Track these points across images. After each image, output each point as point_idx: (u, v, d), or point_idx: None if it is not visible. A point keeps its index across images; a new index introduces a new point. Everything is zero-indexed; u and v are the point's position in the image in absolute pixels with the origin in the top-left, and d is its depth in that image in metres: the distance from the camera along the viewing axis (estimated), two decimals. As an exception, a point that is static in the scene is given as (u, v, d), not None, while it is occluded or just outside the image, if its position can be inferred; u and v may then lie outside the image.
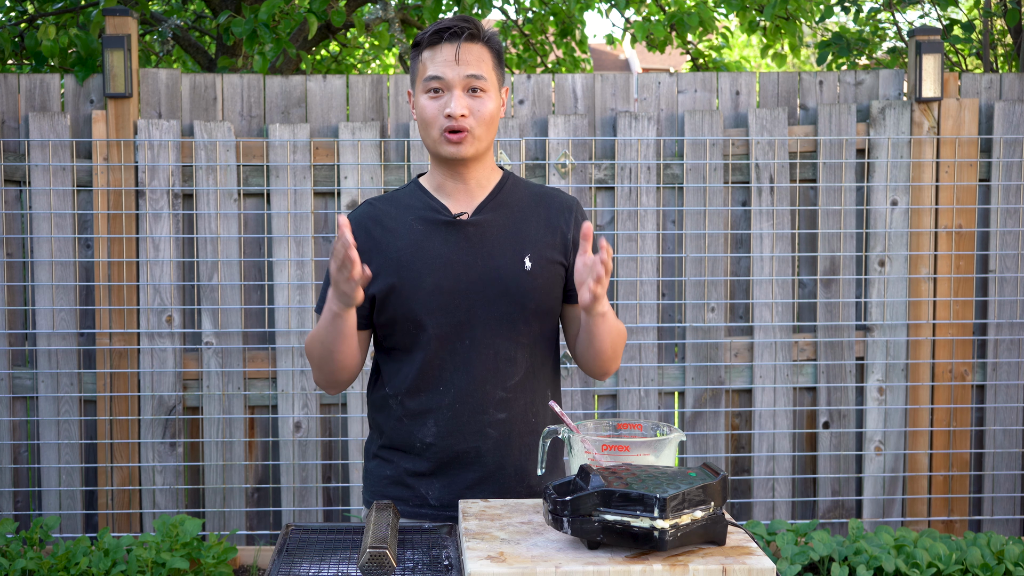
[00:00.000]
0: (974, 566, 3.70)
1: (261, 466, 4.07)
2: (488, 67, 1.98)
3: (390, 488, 2.04)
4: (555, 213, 2.05)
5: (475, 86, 1.96)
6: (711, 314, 4.06)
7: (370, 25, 5.62)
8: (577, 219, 2.06)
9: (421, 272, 1.97)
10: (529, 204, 2.05)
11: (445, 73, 1.95)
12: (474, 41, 1.97)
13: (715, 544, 1.51)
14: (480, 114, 1.97)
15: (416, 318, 1.97)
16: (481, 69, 1.97)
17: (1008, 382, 4.11)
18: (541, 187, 2.11)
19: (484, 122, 1.97)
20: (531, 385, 2.01)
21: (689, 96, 4.12)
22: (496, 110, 2.00)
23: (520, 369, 2.00)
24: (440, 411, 1.98)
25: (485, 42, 1.99)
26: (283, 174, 3.98)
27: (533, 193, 2.08)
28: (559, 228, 2.03)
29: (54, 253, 3.95)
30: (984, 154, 4.10)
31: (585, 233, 1.82)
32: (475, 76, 1.96)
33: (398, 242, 2.00)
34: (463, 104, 1.95)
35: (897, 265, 4.07)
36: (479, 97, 1.97)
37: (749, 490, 4.12)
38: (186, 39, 5.94)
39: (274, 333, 4.02)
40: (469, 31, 1.97)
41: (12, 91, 4.00)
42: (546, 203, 2.06)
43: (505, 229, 2.01)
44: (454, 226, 2.00)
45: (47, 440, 3.98)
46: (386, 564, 1.53)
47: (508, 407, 1.99)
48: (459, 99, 1.95)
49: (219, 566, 3.76)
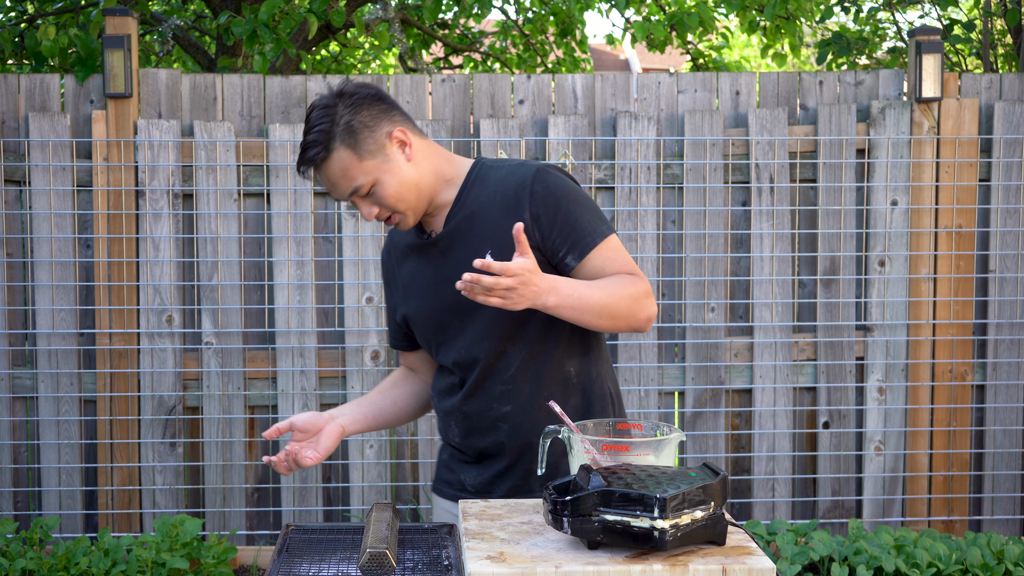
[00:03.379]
0: (974, 566, 3.70)
1: (261, 466, 4.07)
2: (355, 168, 1.91)
3: (443, 471, 2.17)
4: (511, 196, 1.95)
5: (361, 192, 1.94)
6: (711, 314, 4.06)
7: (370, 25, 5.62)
8: (534, 191, 1.93)
9: (416, 298, 2.08)
10: (488, 196, 1.97)
11: (336, 195, 1.96)
12: (327, 159, 1.91)
13: (715, 544, 1.51)
14: (384, 202, 1.94)
15: (425, 338, 2.10)
16: (351, 179, 1.92)
17: (1008, 382, 4.11)
18: (503, 169, 2.00)
19: (396, 199, 1.94)
20: (531, 373, 2.00)
21: (689, 96, 4.12)
22: (398, 180, 1.94)
23: (515, 360, 1.99)
24: (455, 413, 2.07)
25: (339, 142, 1.90)
26: (283, 174, 3.98)
27: (494, 181, 1.98)
28: (517, 210, 1.94)
29: (54, 253, 3.95)
30: (984, 154, 4.10)
31: (515, 235, 1.77)
32: (352, 191, 1.93)
33: (400, 271, 2.11)
34: (367, 210, 1.96)
35: (897, 265, 4.07)
36: (373, 193, 1.93)
37: (749, 490, 4.12)
38: (186, 39, 5.94)
39: (274, 333, 4.02)
40: (318, 157, 1.91)
41: (12, 91, 4.00)
42: (503, 187, 1.96)
43: (471, 232, 1.98)
44: (431, 245, 2.03)
45: (47, 440, 3.98)
46: (386, 564, 1.53)
47: (511, 399, 2.00)
48: (361, 207, 1.96)
49: (219, 566, 3.76)
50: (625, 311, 1.91)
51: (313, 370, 4.01)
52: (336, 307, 4.04)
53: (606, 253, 1.95)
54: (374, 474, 4.04)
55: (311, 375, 4.01)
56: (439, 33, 6.94)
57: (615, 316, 1.91)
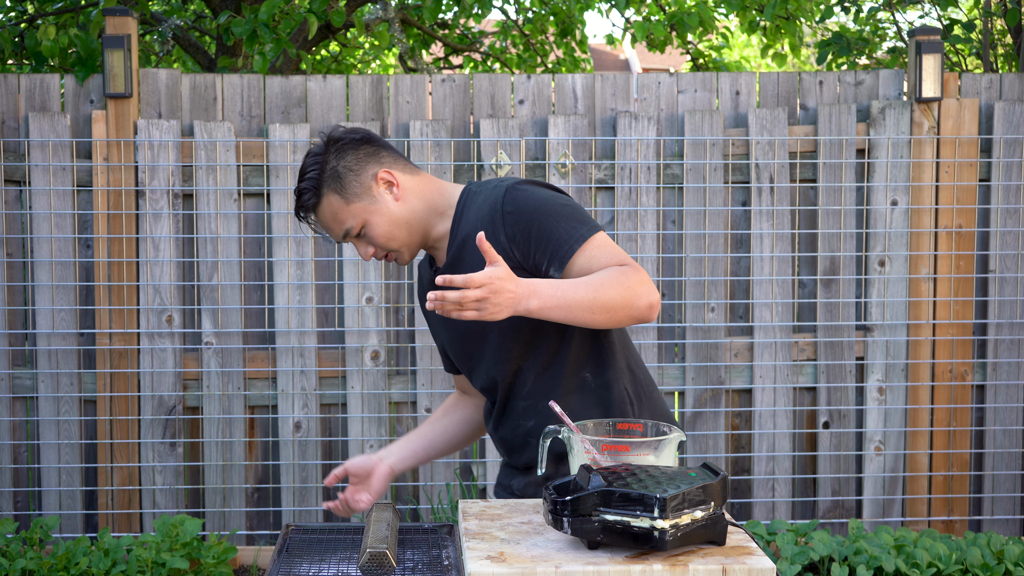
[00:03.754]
0: (974, 566, 3.70)
1: (261, 466, 4.07)
2: (344, 212, 1.98)
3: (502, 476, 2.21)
4: (487, 218, 1.95)
5: (352, 235, 2.00)
6: (711, 314, 4.06)
7: (370, 25, 5.62)
8: (506, 211, 1.93)
9: (441, 329, 2.14)
10: (474, 222, 1.98)
11: (332, 238, 2.05)
12: (318, 205, 2.00)
13: (715, 544, 1.51)
14: (377, 241, 2.00)
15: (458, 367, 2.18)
16: (342, 222, 1.99)
17: (1008, 382, 4.11)
18: (484, 191, 2.00)
19: (387, 238, 1.99)
20: (547, 385, 2.02)
21: (689, 96, 4.12)
22: (388, 220, 1.98)
23: (530, 376, 2.02)
24: (494, 436, 2.15)
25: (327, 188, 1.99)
26: (283, 174, 3.98)
27: (476, 207, 1.98)
28: (495, 230, 1.93)
29: (54, 253, 3.95)
30: (984, 154, 4.10)
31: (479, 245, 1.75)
32: (344, 233, 2.00)
33: None
34: (364, 250, 2.02)
35: (897, 265, 4.07)
36: (365, 234, 2.00)
37: (749, 490, 4.12)
38: (186, 39, 5.94)
39: (274, 333, 4.02)
40: (308, 204, 2.00)
41: (12, 91, 4.00)
42: (482, 212, 1.96)
43: (467, 260, 1.99)
44: None
45: (47, 440, 3.98)
46: (386, 564, 1.53)
47: (533, 413, 2.04)
48: (358, 247, 2.03)
49: (219, 566, 3.76)
50: (620, 301, 1.85)
51: (313, 370, 4.01)
52: (336, 307, 4.04)
53: (590, 252, 1.90)
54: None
55: (311, 375, 4.01)
56: (439, 33, 6.94)
57: (610, 309, 1.84)
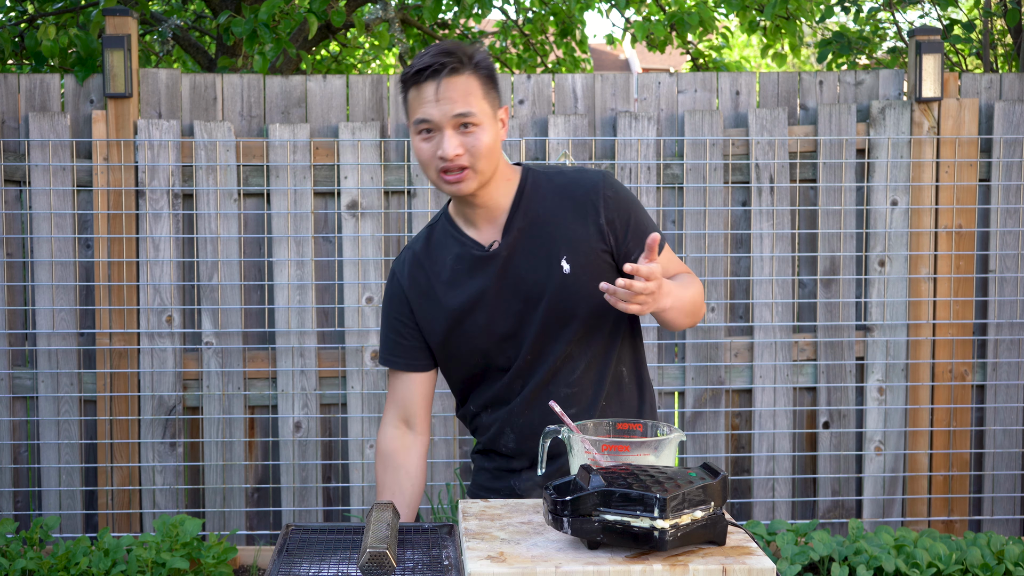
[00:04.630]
0: (974, 566, 3.70)
1: (261, 466, 4.07)
2: (477, 98, 1.90)
3: (489, 480, 2.14)
4: (582, 201, 1.98)
5: (465, 123, 1.90)
6: (711, 314, 4.06)
7: (370, 25, 5.62)
8: (607, 197, 1.98)
9: (473, 312, 2.02)
10: (553, 202, 1.99)
11: (431, 115, 1.89)
12: (457, 74, 1.88)
13: (715, 544, 1.51)
14: (476, 149, 1.90)
15: (477, 354, 2.05)
16: (469, 104, 1.89)
17: (1008, 382, 4.11)
18: (563, 176, 2.03)
19: (482, 156, 1.91)
20: (595, 375, 2.02)
21: (689, 96, 4.12)
22: (493, 139, 1.92)
23: (580, 363, 2.01)
24: (513, 420, 2.06)
25: (473, 69, 1.90)
26: (283, 174, 3.98)
27: (556, 187, 2.01)
28: (590, 216, 1.98)
29: (54, 253, 3.95)
30: (984, 154, 4.10)
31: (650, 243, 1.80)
32: (462, 114, 1.89)
33: (445, 287, 2.04)
34: (455, 144, 1.89)
35: (897, 265, 4.07)
36: (471, 132, 1.90)
37: (749, 490, 4.12)
38: (186, 39, 5.94)
39: (274, 333, 4.02)
40: (450, 65, 1.88)
41: (12, 91, 4.00)
42: (571, 193, 1.99)
43: (536, 240, 1.98)
44: (490, 258, 2.00)
45: (47, 440, 3.98)
46: (386, 564, 1.53)
47: (576, 401, 2.01)
48: (450, 139, 1.89)
49: (219, 566, 3.76)
50: (698, 309, 2.02)
51: (313, 370, 4.01)
52: (336, 307, 4.04)
53: (668, 255, 2.05)
54: (374, 474, 4.04)
55: (311, 375, 4.01)
56: (439, 33, 6.94)
57: (693, 314, 2.00)
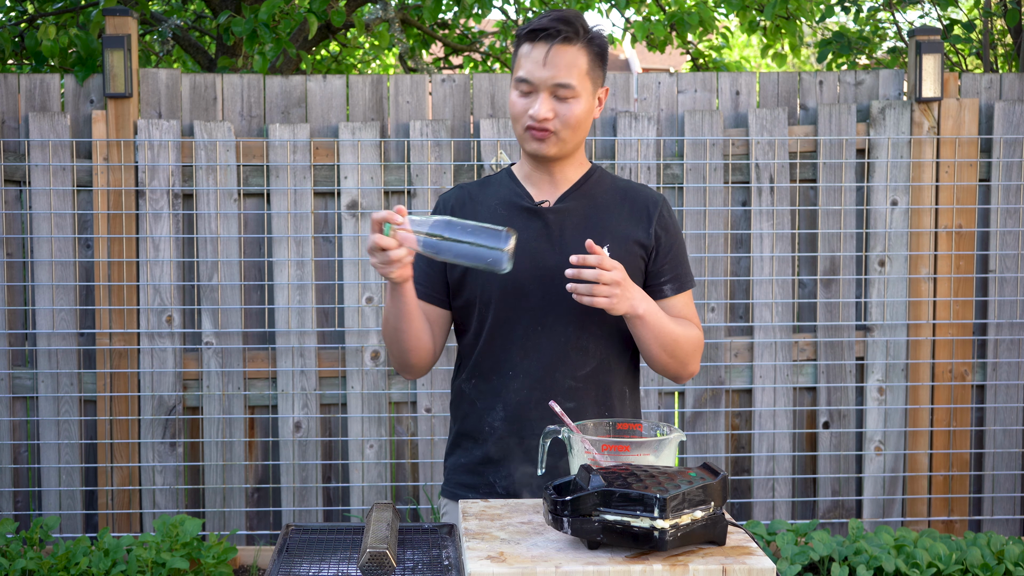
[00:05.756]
0: (974, 566, 3.70)
1: (261, 466, 4.07)
2: (580, 71, 1.95)
3: (464, 476, 2.08)
4: (640, 207, 2.05)
5: (561, 93, 1.95)
6: (711, 314, 4.06)
7: (370, 25, 5.61)
8: (663, 215, 2.05)
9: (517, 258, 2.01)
10: (613, 196, 2.06)
11: (533, 75, 1.95)
12: (569, 43, 1.94)
13: (715, 544, 1.51)
14: (565, 118, 1.97)
15: (489, 300, 2.01)
16: (571, 76, 1.94)
17: (1008, 382, 4.11)
18: (629, 182, 2.12)
19: (570, 126, 1.97)
20: (604, 377, 2.02)
21: (689, 96, 4.12)
22: (585, 114, 1.98)
23: (592, 359, 2.01)
24: (508, 394, 2.01)
25: (585, 43, 1.96)
26: (283, 174, 3.98)
27: (619, 187, 2.09)
28: (642, 221, 2.04)
29: (54, 253, 3.95)
30: (984, 154, 4.10)
31: (588, 246, 1.85)
32: (562, 84, 1.94)
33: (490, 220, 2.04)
34: (548, 107, 1.95)
35: (897, 265, 4.07)
36: (566, 101, 1.96)
37: (749, 490, 4.12)
38: (186, 39, 5.94)
39: (274, 333, 4.02)
40: (565, 34, 1.94)
41: (12, 91, 4.00)
42: (631, 196, 2.07)
43: (586, 219, 2.02)
44: (536, 213, 2.03)
45: (47, 440, 3.98)
46: (386, 564, 1.53)
47: (577, 397, 2.00)
48: (544, 102, 1.95)
49: (219, 566, 3.76)
50: (682, 356, 2.00)
51: (313, 370, 4.01)
52: (336, 307, 4.04)
53: (687, 299, 2.08)
54: (374, 474, 4.04)
55: (311, 375, 4.01)
56: (439, 33, 6.94)
57: (673, 355, 1.99)
